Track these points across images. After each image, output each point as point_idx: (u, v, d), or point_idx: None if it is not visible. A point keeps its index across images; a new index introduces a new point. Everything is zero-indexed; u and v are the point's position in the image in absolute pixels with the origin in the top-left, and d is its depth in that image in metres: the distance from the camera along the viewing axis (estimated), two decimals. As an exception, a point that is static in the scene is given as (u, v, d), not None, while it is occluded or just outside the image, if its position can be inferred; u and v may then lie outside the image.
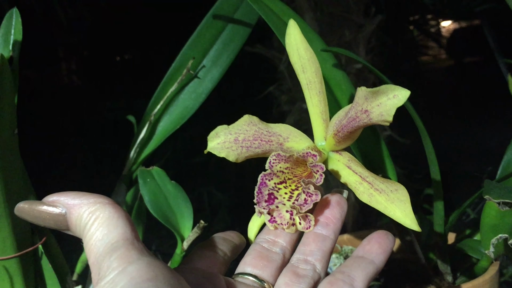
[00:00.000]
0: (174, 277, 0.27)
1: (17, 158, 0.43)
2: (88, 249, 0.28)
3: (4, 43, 0.48)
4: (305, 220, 0.36)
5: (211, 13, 0.62)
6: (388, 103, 0.33)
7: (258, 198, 0.37)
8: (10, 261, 0.43)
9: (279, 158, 0.37)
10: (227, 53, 0.62)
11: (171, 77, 0.62)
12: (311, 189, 0.35)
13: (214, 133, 0.39)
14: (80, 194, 0.30)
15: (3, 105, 0.38)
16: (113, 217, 0.29)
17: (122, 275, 0.25)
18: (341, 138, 0.37)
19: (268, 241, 0.37)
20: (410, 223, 0.35)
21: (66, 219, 0.29)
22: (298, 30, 0.39)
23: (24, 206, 0.30)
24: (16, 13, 0.48)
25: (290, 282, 0.34)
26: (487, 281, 0.53)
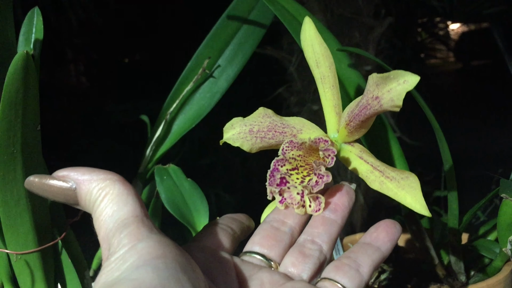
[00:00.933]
0: (182, 254, 0.27)
1: (39, 154, 0.44)
2: (98, 224, 0.29)
3: (25, 42, 0.49)
4: (315, 202, 0.37)
5: (226, 13, 0.63)
6: (398, 89, 0.33)
7: (270, 181, 0.37)
8: (31, 255, 0.44)
9: (292, 145, 0.38)
10: (242, 53, 0.62)
11: (187, 77, 0.62)
12: (322, 171, 0.36)
13: (230, 125, 0.40)
14: (90, 170, 0.30)
15: (28, 101, 0.39)
16: (123, 193, 0.29)
17: (132, 252, 0.26)
18: (353, 128, 0.38)
19: (277, 221, 0.37)
20: (420, 208, 0.36)
21: (75, 194, 0.30)
22: (313, 26, 0.40)
23: (34, 180, 0.30)
24: (38, 13, 0.49)
25: (296, 261, 0.34)
26: (501, 281, 0.53)
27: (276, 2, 0.54)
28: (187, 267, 0.26)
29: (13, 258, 0.44)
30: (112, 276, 0.25)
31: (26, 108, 0.39)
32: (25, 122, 0.40)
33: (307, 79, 1.41)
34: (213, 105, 0.62)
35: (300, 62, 1.41)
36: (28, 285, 0.45)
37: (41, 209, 0.45)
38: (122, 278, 0.24)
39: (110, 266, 0.26)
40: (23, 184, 0.42)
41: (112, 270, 0.25)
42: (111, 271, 0.25)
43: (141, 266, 0.25)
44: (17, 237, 0.43)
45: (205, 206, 0.55)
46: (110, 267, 0.26)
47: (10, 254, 0.44)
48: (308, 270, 0.34)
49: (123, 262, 0.25)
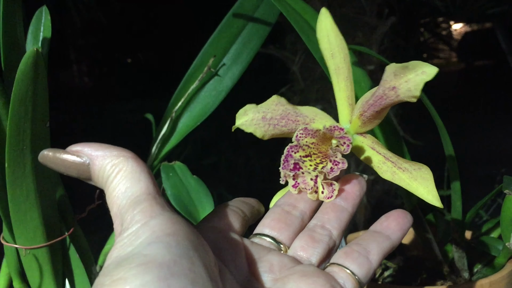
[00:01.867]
0: (194, 233, 0.27)
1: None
2: (111, 200, 0.29)
3: (33, 40, 0.50)
4: (328, 188, 0.37)
5: (231, 12, 0.63)
6: (416, 79, 0.34)
7: (284, 165, 0.37)
8: (39, 250, 0.45)
9: (306, 132, 0.38)
10: (247, 52, 0.63)
11: (192, 75, 0.63)
12: (338, 157, 0.36)
13: (243, 111, 0.40)
14: (104, 146, 0.30)
15: (37, 97, 0.40)
16: (136, 171, 0.29)
17: (144, 228, 0.26)
18: (367, 119, 0.38)
19: (289, 205, 0.37)
20: (432, 198, 0.36)
21: (89, 169, 0.30)
22: (329, 17, 0.40)
23: (48, 153, 0.30)
24: (46, 11, 0.50)
25: (306, 245, 0.35)
26: (504, 277, 0.53)
27: (282, 0, 0.54)
28: (198, 246, 0.27)
29: (22, 252, 0.45)
30: (125, 250, 0.25)
31: (35, 105, 0.40)
32: (35, 119, 0.41)
33: (310, 79, 1.41)
34: (218, 103, 0.62)
35: (303, 62, 1.41)
36: (37, 279, 0.46)
37: (49, 205, 0.45)
38: (135, 253, 0.25)
39: (123, 241, 0.26)
40: (33, 180, 0.42)
41: (125, 245, 0.26)
42: (124, 246, 0.26)
43: (154, 243, 0.25)
44: (26, 232, 0.44)
45: (210, 202, 0.55)
46: (123, 242, 0.26)
47: (19, 249, 0.45)
48: (317, 254, 0.34)
49: (136, 238, 0.26)
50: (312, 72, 1.41)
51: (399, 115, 1.49)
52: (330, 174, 0.36)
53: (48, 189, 0.45)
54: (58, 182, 0.49)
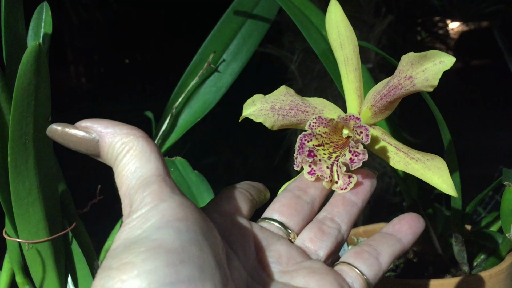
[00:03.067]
0: (203, 218, 0.27)
1: (50, 145, 0.44)
2: (120, 179, 0.28)
3: (35, 36, 0.50)
4: (344, 179, 0.36)
5: (231, 8, 0.63)
6: (434, 68, 0.34)
7: (298, 151, 0.37)
8: (42, 244, 0.45)
9: (320, 121, 0.38)
10: (247, 48, 0.63)
11: (192, 71, 0.63)
12: (360, 148, 0.36)
13: (251, 101, 0.40)
14: (114, 123, 0.29)
15: (40, 91, 0.40)
16: (146, 150, 0.29)
17: (154, 211, 0.26)
18: (378, 109, 0.38)
19: (300, 190, 0.37)
20: (447, 188, 0.36)
21: (98, 146, 0.29)
22: (339, 8, 0.40)
23: (57, 128, 0.30)
24: (47, 7, 0.50)
25: (314, 237, 0.34)
26: (503, 270, 0.53)
27: (282, -5, 0.55)
28: (207, 232, 0.27)
29: (24, 247, 0.45)
30: (133, 233, 0.25)
31: (38, 99, 0.40)
32: (37, 113, 0.41)
33: (308, 77, 1.42)
34: (218, 99, 0.63)
35: (301, 61, 1.42)
36: (39, 274, 0.46)
37: (51, 199, 0.46)
38: (144, 237, 0.24)
39: (132, 223, 0.26)
40: (35, 174, 0.43)
41: (134, 227, 0.25)
42: (132, 229, 0.25)
43: (163, 227, 0.25)
44: (29, 226, 0.44)
45: (211, 197, 0.55)
46: (131, 224, 0.26)
47: (22, 243, 0.45)
48: (325, 247, 0.34)
49: (145, 221, 0.26)
50: (310, 70, 1.41)
51: (397, 113, 1.49)
52: (353, 165, 0.36)
53: (50, 183, 0.45)
54: (60, 176, 0.49)
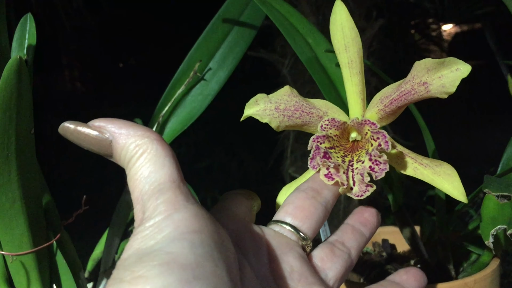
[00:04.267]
0: (217, 230, 0.26)
1: (33, 157, 0.44)
2: (132, 183, 0.28)
3: (19, 47, 0.50)
4: (360, 186, 0.36)
5: (217, 16, 0.64)
6: (450, 75, 0.34)
7: (314, 153, 0.37)
8: (26, 256, 0.45)
9: (333, 123, 0.37)
10: (233, 56, 0.63)
11: (178, 79, 0.63)
12: (382, 158, 0.35)
13: (254, 100, 0.39)
14: (128, 124, 0.29)
15: (22, 105, 0.40)
16: (161, 155, 0.28)
17: (168, 221, 0.25)
18: (386, 114, 0.38)
19: (313, 190, 0.36)
20: (458, 194, 0.37)
21: (111, 146, 0.28)
22: (345, 9, 0.40)
23: (70, 126, 0.29)
24: (30, 18, 0.50)
25: (325, 257, 0.34)
26: (488, 275, 0.54)
27: (267, 3, 0.55)
28: (221, 245, 0.26)
29: (8, 259, 0.45)
30: (146, 244, 0.24)
31: (19, 112, 0.40)
32: (19, 126, 0.41)
33: (300, 81, 1.42)
34: (205, 107, 0.63)
35: (292, 65, 1.42)
36: (24, 285, 0.46)
37: (36, 211, 0.46)
38: (157, 249, 0.24)
39: (144, 232, 0.25)
40: (18, 186, 0.43)
41: (146, 237, 0.25)
42: (145, 238, 0.25)
43: (177, 240, 0.24)
44: (13, 238, 0.44)
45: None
46: (144, 233, 0.25)
47: (6, 255, 0.45)
48: (334, 269, 0.34)
49: (158, 231, 0.25)
50: (302, 74, 1.42)
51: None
52: (376, 176, 0.35)
53: (34, 195, 0.45)
54: (45, 188, 0.50)
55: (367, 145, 0.38)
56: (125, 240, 0.67)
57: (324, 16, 1.36)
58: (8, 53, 0.48)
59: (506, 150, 0.60)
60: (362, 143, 0.39)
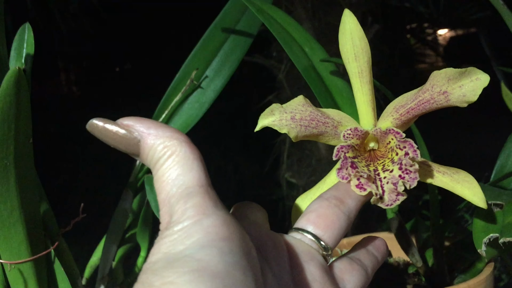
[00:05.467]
0: (244, 238, 0.26)
1: (32, 165, 0.45)
2: (159, 185, 0.27)
3: (17, 56, 0.50)
4: (391, 196, 0.36)
5: (213, 25, 0.64)
6: (471, 85, 0.35)
7: (343, 163, 0.36)
8: (24, 264, 0.45)
9: (355, 132, 0.37)
10: (229, 64, 0.64)
11: (175, 87, 0.64)
12: (413, 167, 0.35)
13: (269, 110, 0.38)
14: (156, 125, 0.28)
15: (20, 115, 0.40)
16: (189, 157, 0.27)
17: (197, 227, 0.25)
18: (402, 123, 0.38)
19: (336, 199, 0.35)
20: (478, 201, 0.37)
21: (138, 146, 0.28)
22: (354, 19, 0.40)
23: (98, 123, 0.29)
24: (29, 28, 0.51)
25: (344, 269, 0.34)
26: (482, 282, 0.54)
27: (264, 12, 0.55)
28: (249, 253, 0.26)
29: (7, 267, 0.45)
30: (175, 248, 0.24)
31: (18, 122, 0.41)
32: (18, 135, 0.41)
33: (296, 86, 1.43)
34: (202, 115, 0.63)
35: (289, 70, 1.43)
36: (22, 293, 0.46)
37: (34, 219, 0.46)
38: (187, 255, 0.24)
39: (173, 236, 0.25)
40: (16, 195, 0.43)
41: (175, 241, 0.25)
42: (174, 243, 0.25)
43: (207, 247, 0.24)
44: (11, 247, 0.44)
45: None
46: (173, 238, 0.25)
47: (4, 263, 0.45)
48: (352, 282, 0.34)
49: (187, 236, 0.25)
50: (298, 80, 1.42)
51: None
52: (411, 185, 0.35)
53: (32, 203, 0.46)
54: (43, 196, 0.50)
55: (390, 154, 0.38)
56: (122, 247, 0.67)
57: (319, 21, 1.37)
58: (6, 62, 0.48)
59: (500, 157, 0.61)
60: (380, 152, 0.39)
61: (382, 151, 0.39)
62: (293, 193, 1.46)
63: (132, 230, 0.70)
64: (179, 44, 1.74)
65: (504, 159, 0.60)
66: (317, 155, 1.37)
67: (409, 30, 2.66)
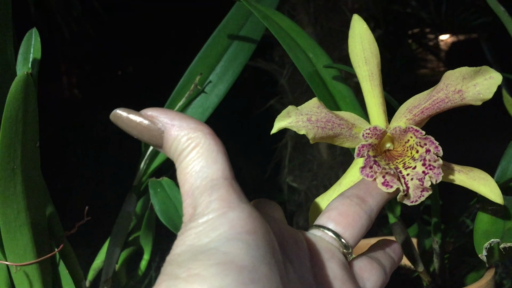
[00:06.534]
0: (268, 232, 0.26)
1: (38, 169, 0.45)
2: (183, 177, 0.27)
3: (24, 61, 0.51)
4: (415, 192, 0.36)
5: (217, 30, 0.65)
6: (485, 83, 0.35)
7: (366, 161, 0.36)
8: (30, 267, 0.46)
9: (374, 131, 0.38)
10: (233, 69, 0.64)
11: (179, 92, 0.64)
12: (437, 162, 0.36)
13: (286, 113, 0.39)
14: (181, 116, 0.28)
15: (28, 119, 0.41)
16: (213, 149, 0.27)
17: (222, 220, 0.25)
18: (415, 123, 0.39)
19: (358, 198, 0.35)
20: (495, 197, 0.38)
21: (162, 137, 0.28)
22: (363, 23, 0.40)
23: (122, 114, 0.28)
24: (35, 33, 0.51)
25: (364, 267, 0.34)
26: (483, 286, 0.55)
27: (270, 18, 0.56)
28: (273, 248, 0.25)
29: (12, 269, 0.46)
30: (200, 241, 0.24)
31: (26, 126, 0.41)
32: (25, 139, 0.42)
33: (299, 91, 1.43)
34: (205, 119, 0.64)
35: (291, 75, 1.43)
36: (27, 296, 0.47)
37: (39, 222, 0.46)
38: (212, 248, 0.23)
39: (198, 228, 0.25)
40: (23, 198, 0.44)
41: (200, 233, 0.24)
42: (199, 235, 0.24)
43: (233, 240, 0.24)
44: (17, 249, 0.45)
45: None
46: (198, 230, 0.25)
47: (10, 265, 0.46)
48: (372, 281, 0.34)
49: (212, 229, 0.24)
50: (300, 84, 1.43)
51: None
52: (437, 180, 0.36)
53: (38, 206, 0.46)
54: (48, 199, 0.50)
55: (409, 152, 0.38)
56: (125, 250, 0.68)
57: (322, 26, 1.37)
58: (13, 67, 0.49)
59: (501, 163, 0.61)
60: (397, 152, 0.39)
61: (399, 150, 0.39)
62: (294, 197, 1.47)
63: (135, 233, 0.71)
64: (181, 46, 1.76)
65: (505, 165, 0.61)
66: (319, 159, 1.37)
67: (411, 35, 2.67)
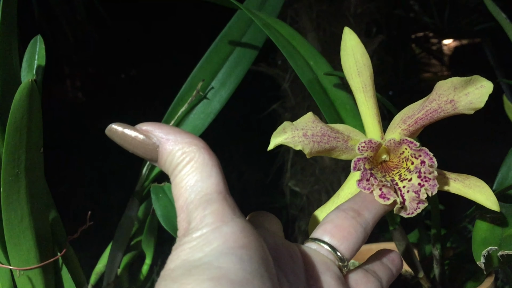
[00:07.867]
0: (262, 246, 0.26)
1: (41, 174, 0.46)
2: (177, 191, 0.27)
3: (28, 68, 0.52)
4: (411, 205, 0.36)
5: (220, 37, 0.65)
6: (476, 92, 0.36)
7: (363, 174, 0.37)
8: (33, 271, 0.46)
9: (369, 144, 0.38)
10: (235, 75, 0.65)
11: (181, 98, 0.65)
12: (432, 174, 0.36)
13: (281, 129, 0.39)
14: (176, 130, 0.28)
15: (32, 126, 0.42)
16: (208, 164, 0.27)
17: (216, 234, 0.25)
18: (410, 133, 0.39)
19: (353, 211, 0.35)
20: (492, 204, 0.38)
21: (157, 152, 0.28)
22: (354, 36, 0.41)
23: (117, 128, 0.29)
24: (40, 40, 0.52)
25: (359, 281, 0.34)
26: (483, 293, 0.55)
27: (271, 26, 0.57)
28: (267, 262, 0.26)
29: (16, 274, 0.46)
30: (194, 255, 0.24)
31: (30, 132, 0.42)
32: (29, 145, 0.42)
33: (301, 95, 1.44)
34: (207, 125, 0.64)
35: (293, 79, 1.44)
36: (30, 300, 0.47)
37: (42, 227, 0.47)
38: (206, 262, 0.24)
39: (192, 243, 0.25)
40: (26, 203, 0.44)
41: (194, 248, 0.25)
42: (193, 250, 0.25)
43: (226, 254, 0.24)
44: (20, 253, 0.45)
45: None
46: (191, 244, 0.25)
47: (13, 270, 0.47)
48: None
49: (206, 243, 0.25)
50: (302, 89, 1.43)
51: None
52: (433, 192, 0.36)
53: (41, 211, 0.47)
54: (51, 204, 0.51)
55: (404, 164, 0.38)
56: (127, 254, 0.68)
57: (324, 32, 1.38)
58: (18, 74, 0.50)
59: (501, 169, 0.61)
60: (393, 163, 0.39)
61: (395, 161, 0.40)
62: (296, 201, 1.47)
63: (137, 238, 0.71)
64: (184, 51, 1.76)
65: (505, 171, 0.61)
66: (321, 164, 1.38)
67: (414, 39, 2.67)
